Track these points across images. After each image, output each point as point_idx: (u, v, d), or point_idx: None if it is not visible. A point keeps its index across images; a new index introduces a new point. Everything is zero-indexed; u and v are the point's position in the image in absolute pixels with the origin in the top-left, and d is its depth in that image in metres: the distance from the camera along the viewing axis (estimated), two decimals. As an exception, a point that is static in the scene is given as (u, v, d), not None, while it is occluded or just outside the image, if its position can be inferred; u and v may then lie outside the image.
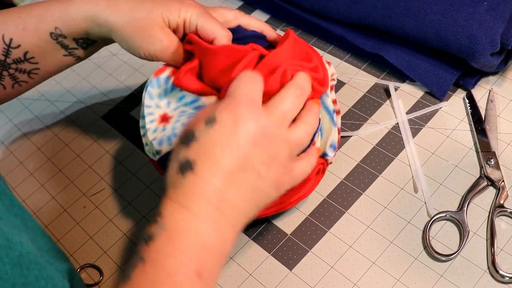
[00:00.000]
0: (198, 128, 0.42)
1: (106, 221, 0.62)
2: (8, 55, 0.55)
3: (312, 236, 0.56)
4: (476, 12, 0.61)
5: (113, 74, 0.78)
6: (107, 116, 0.73)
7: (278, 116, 0.44)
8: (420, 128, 0.63)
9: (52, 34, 0.55)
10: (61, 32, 0.55)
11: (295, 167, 0.45)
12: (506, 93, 0.64)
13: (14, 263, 0.34)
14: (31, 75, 0.57)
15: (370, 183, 0.59)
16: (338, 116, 0.56)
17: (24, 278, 0.35)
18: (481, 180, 0.56)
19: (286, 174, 0.44)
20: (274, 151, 0.42)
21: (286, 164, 0.44)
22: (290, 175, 0.45)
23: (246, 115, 0.41)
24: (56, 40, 0.55)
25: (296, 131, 0.45)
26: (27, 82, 0.58)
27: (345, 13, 0.70)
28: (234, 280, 0.55)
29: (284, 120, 0.44)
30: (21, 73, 0.57)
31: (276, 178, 0.43)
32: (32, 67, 0.57)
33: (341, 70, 0.70)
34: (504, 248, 0.52)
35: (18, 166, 0.70)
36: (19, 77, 0.57)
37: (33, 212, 0.65)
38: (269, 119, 0.43)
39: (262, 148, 0.41)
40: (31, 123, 0.75)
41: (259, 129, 0.41)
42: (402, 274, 0.52)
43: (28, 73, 0.57)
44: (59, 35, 0.55)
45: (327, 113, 0.53)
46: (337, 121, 0.55)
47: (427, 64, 0.65)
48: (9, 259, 0.34)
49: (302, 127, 0.46)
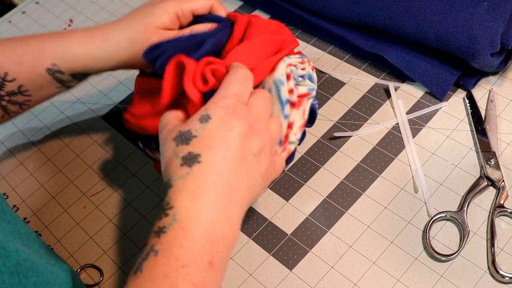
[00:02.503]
0: (194, 127, 0.42)
1: (106, 221, 0.62)
2: (2, 87, 0.55)
3: (312, 236, 0.56)
4: (476, 12, 0.61)
5: (113, 74, 0.78)
6: (107, 116, 0.73)
7: (263, 114, 0.46)
8: (420, 128, 0.63)
9: (49, 70, 0.55)
10: (59, 69, 0.55)
11: (276, 159, 0.48)
12: (506, 93, 0.64)
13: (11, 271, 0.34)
14: (23, 106, 0.58)
15: (370, 183, 0.59)
16: (293, 109, 0.51)
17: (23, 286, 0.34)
18: (481, 180, 0.56)
19: (271, 166, 0.46)
20: (262, 144, 0.44)
21: (270, 157, 0.46)
22: (274, 167, 0.47)
23: (236, 111, 0.43)
24: (53, 75, 0.55)
25: (272, 127, 0.47)
26: (16, 113, 0.59)
27: (345, 13, 0.70)
28: (234, 280, 0.55)
29: (265, 118, 0.47)
30: (13, 105, 0.57)
31: (266, 168, 0.45)
32: (24, 99, 0.57)
33: (341, 70, 0.70)
34: (504, 248, 0.52)
35: (18, 166, 0.70)
36: (10, 108, 0.57)
37: (33, 212, 0.65)
38: (255, 116, 0.45)
39: (252, 141, 0.43)
40: (31, 123, 0.75)
41: (248, 124, 0.43)
42: (402, 274, 0.52)
43: (20, 104, 0.57)
44: (56, 71, 0.55)
45: (278, 101, 0.50)
46: (291, 114, 0.51)
47: (427, 64, 0.65)
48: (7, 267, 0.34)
49: (276, 121, 0.48)
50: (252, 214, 0.59)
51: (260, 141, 0.44)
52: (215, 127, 0.42)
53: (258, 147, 0.44)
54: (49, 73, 0.55)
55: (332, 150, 0.63)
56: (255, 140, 0.43)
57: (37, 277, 0.36)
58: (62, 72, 0.55)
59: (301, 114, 0.52)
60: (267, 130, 0.45)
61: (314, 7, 0.72)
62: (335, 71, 0.70)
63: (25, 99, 0.57)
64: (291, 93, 0.50)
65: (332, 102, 0.67)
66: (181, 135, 0.42)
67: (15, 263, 0.35)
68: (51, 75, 0.55)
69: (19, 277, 0.34)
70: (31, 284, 0.35)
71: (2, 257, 0.34)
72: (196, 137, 0.42)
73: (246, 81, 0.46)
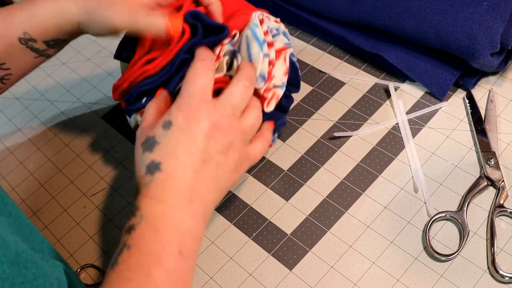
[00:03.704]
0: (157, 134, 0.45)
1: (106, 221, 0.62)
2: None
3: (312, 236, 0.56)
4: (476, 12, 0.61)
5: (113, 74, 0.78)
6: (107, 116, 0.73)
7: (229, 110, 0.48)
8: (420, 128, 0.63)
9: (21, 40, 0.54)
10: (30, 37, 0.54)
11: (250, 149, 0.50)
12: (506, 93, 0.64)
13: (11, 262, 0.34)
14: (4, 81, 0.57)
15: (370, 183, 0.59)
16: (271, 48, 0.53)
17: (23, 276, 0.35)
18: (481, 180, 0.56)
19: (243, 157, 0.49)
20: (229, 141, 0.46)
21: (241, 149, 0.48)
22: (247, 157, 0.49)
23: (198, 113, 0.46)
24: (26, 44, 0.54)
25: (247, 118, 0.49)
26: (0, 88, 0.58)
27: (345, 13, 0.70)
28: (234, 280, 0.55)
29: (235, 112, 0.48)
30: None
31: (234, 163, 0.47)
32: (4, 73, 0.56)
33: (341, 70, 0.70)
34: (504, 248, 0.52)
35: (18, 166, 0.70)
36: None
37: (33, 212, 0.65)
38: (220, 114, 0.46)
39: (217, 140, 0.46)
40: (31, 123, 0.75)
41: (211, 124, 0.46)
42: (402, 274, 0.52)
43: (1, 79, 0.56)
44: (29, 40, 0.54)
45: (256, 41, 0.52)
46: (270, 53, 0.53)
47: (427, 64, 0.65)
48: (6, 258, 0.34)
49: (252, 112, 0.50)
50: (251, 214, 0.59)
51: (226, 138, 0.46)
52: (175, 135, 0.45)
53: (224, 145, 0.46)
54: (21, 42, 0.54)
55: (332, 150, 0.63)
56: (220, 138, 0.46)
57: (36, 268, 0.36)
58: (35, 40, 0.54)
59: (282, 61, 0.55)
60: (235, 126, 0.47)
61: (314, 7, 0.72)
62: (335, 71, 0.70)
63: (5, 73, 0.56)
64: (266, 34, 0.54)
65: (332, 102, 0.67)
66: (146, 141, 0.46)
67: (15, 253, 0.35)
68: (24, 44, 0.54)
69: (18, 267, 0.35)
70: (31, 275, 0.35)
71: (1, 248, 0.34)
72: (159, 144, 0.45)
73: (208, 73, 0.47)
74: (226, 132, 0.46)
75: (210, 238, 0.58)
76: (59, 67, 0.80)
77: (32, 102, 0.77)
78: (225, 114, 0.47)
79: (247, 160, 0.50)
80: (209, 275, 0.55)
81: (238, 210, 0.60)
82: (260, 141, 0.52)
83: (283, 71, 0.55)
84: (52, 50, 0.57)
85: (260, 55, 0.52)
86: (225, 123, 0.46)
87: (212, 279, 0.55)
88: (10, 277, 0.34)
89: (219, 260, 0.56)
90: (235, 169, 0.48)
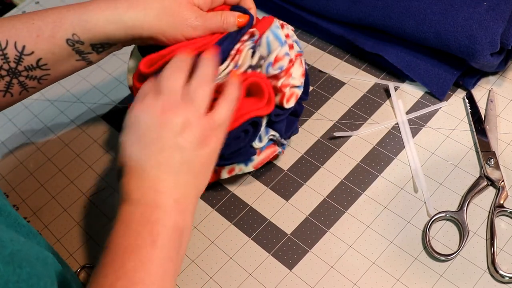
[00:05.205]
0: (121, 137, 0.48)
1: (106, 221, 0.62)
2: (20, 62, 0.54)
3: (312, 236, 0.56)
4: (476, 12, 0.61)
5: (113, 74, 0.78)
6: (107, 116, 0.73)
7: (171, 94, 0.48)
8: (420, 128, 0.63)
9: (69, 41, 0.54)
10: (79, 39, 0.54)
11: (213, 117, 0.48)
12: (506, 93, 0.64)
13: (6, 261, 0.34)
14: (41, 81, 0.57)
15: (370, 183, 0.59)
16: (291, 50, 0.57)
17: (17, 275, 0.35)
18: (481, 180, 0.56)
19: (207, 128, 0.47)
20: (182, 118, 0.46)
21: (200, 120, 0.47)
22: (212, 126, 0.48)
23: (137, 108, 0.47)
24: (72, 46, 0.54)
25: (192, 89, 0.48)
26: (35, 88, 0.58)
27: (345, 13, 0.70)
28: (234, 280, 0.55)
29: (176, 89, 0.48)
30: (31, 80, 0.56)
31: (197, 138, 0.47)
32: (43, 74, 0.56)
33: (341, 70, 0.70)
34: (504, 248, 0.52)
35: (18, 166, 0.70)
36: (28, 84, 0.56)
37: (33, 212, 0.65)
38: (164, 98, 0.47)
39: (169, 122, 0.46)
40: (31, 123, 0.75)
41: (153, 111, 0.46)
42: (402, 274, 0.52)
43: (38, 79, 0.56)
44: (76, 42, 0.54)
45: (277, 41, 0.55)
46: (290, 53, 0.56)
47: (427, 64, 0.65)
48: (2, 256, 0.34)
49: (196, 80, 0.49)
50: (251, 213, 0.59)
51: (177, 116, 0.46)
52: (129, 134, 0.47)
53: (178, 124, 0.46)
54: (69, 44, 0.54)
55: (332, 150, 0.63)
56: (171, 119, 0.46)
57: (31, 267, 0.36)
58: (82, 42, 0.54)
59: (299, 63, 0.58)
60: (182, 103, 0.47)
61: (314, 7, 0.72)
62: (335, 71, 0.70)
63: (44, 74, 0.56)
64: (287, 38, 0.57)
65: (332, 102, 0.67)
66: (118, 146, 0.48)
67: (10, 252, 0.35)
68: (71, 46, 0.54)
69: (13, 266, 0.35)
70: (25, 274, 0.35)
71: None
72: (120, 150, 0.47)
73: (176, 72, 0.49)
74: (175, 112, 0.46)
75: (210, 238, 0.58)
76: (59, 67, 0.80)
77: (32, 102, 0.77)
78: (171, 92, 0.47)
79: (214, 129, 0.48)
80: (209, 275, 0.55)
81: (238, 210, 0.60)
82: (223, 104, 0.49)
83: (300, 72, 0.58)
84: (95, 55, 0.57)
85: (278, 48, 0.54)
86: (171, 104, 0.47)
87: (212, 279, 0.55)
88: (5, 276, 0.34)
89: (219, 260, 0.56)
90: (202, 143, 0.47)
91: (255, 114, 0.54)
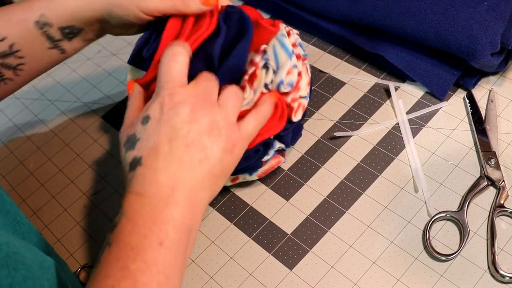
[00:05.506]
0: (137, 130, 0.46)
1: (106, 221, 0.62)
2: None
3: (312, 236, 0.56)
4: (476, 12, 0.61)
5: (113, 74, 0.78)
6: (107, 116, 0.73)
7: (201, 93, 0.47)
8: (420, 128, 0.63)
9: (38, 23, 0.53)
10: (47, 20, 0.54)
11: (241, 127, 0.48)
12: (506, 93, 0.64)
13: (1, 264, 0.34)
14: (17, 71, 0.56)
15: (370, 183, 0.59)
16: (299, 61, 0.56)
17: (11, 278, 0.34)
18: (481, 180, 0.56)
19: (233, 137, 0.47)
20: (211, 119, 0.45)
21: (228, 127, 0.46)
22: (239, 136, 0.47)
23: (170, 102, 0.45)
24: (41, 29, 0.54)
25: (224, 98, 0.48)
26: (13, 80, 0.57)
27: (345, 13, 0.70)
28: (234, 280, 0.55)
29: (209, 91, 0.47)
30: (6, 69, 0.55)
31: (223, 141, 0.46)
32: (18, 62, 0.55)
33: (341, 70, 0.70)
34: (504, 248, 0.52)
35: (18, 166, 0.70)
36: (4, 74, 0.56)
37: (33, 211, 0.65)
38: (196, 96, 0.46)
39: (198, 121, 0.45)
40: (31, 123, 0.75)
41: (190, 109, 0.45)
42: (402, 274, 0.52)
43: (14, 68, 0.56)
44: (44, 24, 0.54)
45: (284, 51, 0.54)
46: (298, 65, 0.55)
47: (427, 64, 0.65)
48: None
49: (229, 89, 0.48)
50: (252, 213, 0.59)
51: (207, 116, 0.45)
52: (154, 126, 0.45)
53: (206, 124, 0.45)
54: (37, 26, 0.54)
55: (332, 150, 0.63)
56: (201, 118, 0.45)
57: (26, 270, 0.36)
58: (51, 24, 0.54)
59: (305, 71, 0.58)
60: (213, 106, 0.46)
61: (314, 7, 0.72)
62: (335, 71, 0.70)
63: (19, 62, 0.55)
64: (294, 46, 0.56)
65: (332, 102, 0.67)
66: (128, 140, 0.46)
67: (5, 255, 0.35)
68: (40, 29, 0.54)
69: (8, 269, 0.34)
70: (20, 276, 0.35)
71: None
72: (140, 139, 0.45)
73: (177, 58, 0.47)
74: (204, 113, 0.45)
75: (210, 238, 0.58)
76: (59, 66, 0.80)
77: (32, 102, 0.77)
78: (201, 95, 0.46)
79: (241, 140, 0.47)
80: (209, 275, 0.55)
81: (238, 209, 0.60)
82: (253, 119, 0.49)
83: (306, 82, 0.57)
84: (67, 43, 0.56)
85: (288, 62, 0.53)
86: (202, 105, 0.46)
87: (212, 278, 0.55)
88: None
89: (219, 260, 0.56)
90: (227, 148, 0.46)
91: (268, 136, 0.54)
